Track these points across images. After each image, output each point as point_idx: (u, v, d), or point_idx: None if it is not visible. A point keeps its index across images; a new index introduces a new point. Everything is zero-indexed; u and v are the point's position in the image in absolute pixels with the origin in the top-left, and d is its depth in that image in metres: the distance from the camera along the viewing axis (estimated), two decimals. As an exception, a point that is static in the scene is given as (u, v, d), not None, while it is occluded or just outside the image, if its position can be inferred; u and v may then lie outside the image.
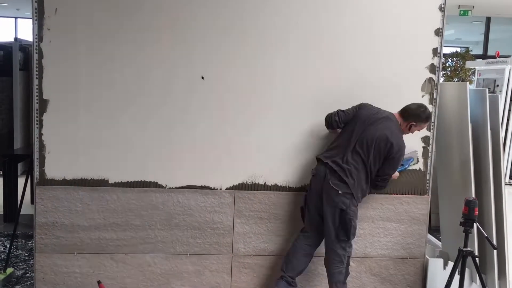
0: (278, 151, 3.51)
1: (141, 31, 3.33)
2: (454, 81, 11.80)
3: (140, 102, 3.38)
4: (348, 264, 3.32)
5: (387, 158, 3.23)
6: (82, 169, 3.39)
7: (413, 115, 3.29)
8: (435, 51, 3.54)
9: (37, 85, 3.29)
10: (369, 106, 3.36)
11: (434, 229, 4.95)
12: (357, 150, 3.22)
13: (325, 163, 3.25)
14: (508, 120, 8.19)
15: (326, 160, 3.26)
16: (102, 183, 3.40)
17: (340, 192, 3.19)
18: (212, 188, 3.48)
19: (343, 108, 3.37)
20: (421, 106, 3.32)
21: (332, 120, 3.34)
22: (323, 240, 3.35)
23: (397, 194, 3.61)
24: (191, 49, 3.37)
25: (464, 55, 12.51)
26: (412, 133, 3.36)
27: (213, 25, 3.37)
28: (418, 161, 3.58)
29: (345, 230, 3.21)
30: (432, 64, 3.55)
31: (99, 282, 3.20)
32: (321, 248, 3.47)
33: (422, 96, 3.55)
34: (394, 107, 3.50)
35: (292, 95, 3.47)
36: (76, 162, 3.38)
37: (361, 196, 3.29)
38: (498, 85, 8.45)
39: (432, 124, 3.59)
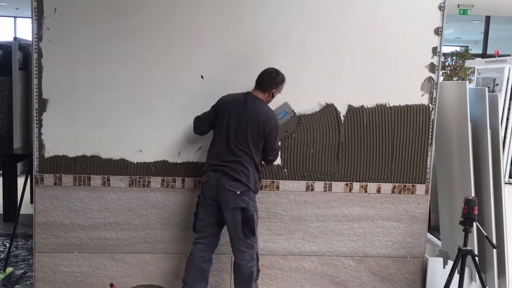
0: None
1: (140, 30, 3.32)
2: (453, 80, 11.80)
3: (140, 101, 3.38)
4: (258, 261, 3.29)
5: (268, 138, 3.17)
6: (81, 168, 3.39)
7: (271, 83, 3.20)
8: (434, 50, 3.54)
9: (36, 85, 3.29)
10: (224, 99, 3.26)
11: (433, 228, 4.96)
12: (237, 146, 3.15)
13: (214, 170, 3.18)
14: (507, 119, 8.20)
15: (213, 167, 3.18)
16: (102, 182, 3.41)
17: (238, 192, 3.13)
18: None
19: None
20: (272, 72, 3.22)
21: (197, 130, 3.32)
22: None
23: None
24: (191, 49, 3.37)
25: (464, 54, 12.53)
26: (274, 97, 3.27)
27: (213, 25, 3.37)
28: (294, 113, 3.48)
29: (249, 227, 3.17)
30: (432, 63, 3.55)
31: (111, 285, 3.23)
32: (322, 248, 3.48)
33: (422, 95, 3.55)
34: (394, 106, 3.51)
35: (292, 93, 3.47)
36: (75, 161, 3.38)
37: (258, 187, 3.26)
38: (497, 84, 8.45)
39: (431, 123, 3.59)
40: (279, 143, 3.34)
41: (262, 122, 3.15)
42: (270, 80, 3.21)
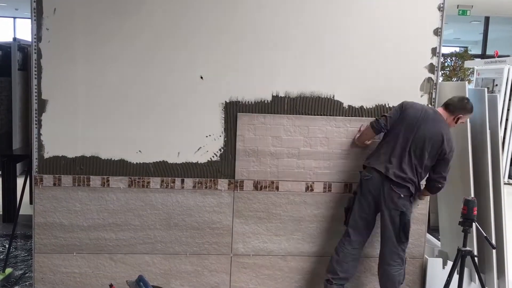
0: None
1: (140, 30, 3.33)
2: (453, 81, 11.80)
3: (139, 101, 3.38)
4: (405, 264, 3.40)
5: (440, 159, 3.27)
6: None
7: (460, 108, 3.35)
8: (434, 51, 3.54)
9: (36, 85, 3.29)
10: (412, 105, 3.35)
11: (433, 229, 4.96)
12: (410, 153, 3.25)
13: (378, 170, 3.27)
14: (507, 119, 8.20)
15: (380, 165, 3.27)
16: (102, 183, 3.41)
17: (402, 195, 3.24)
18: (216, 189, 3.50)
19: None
20: (464, 98, 3.40)
21: (379, 126, 3.34)
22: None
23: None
24: (191, 49, 3.37)
25: (463, 55, 12.52)
26: (456, 125, 3.40)
27: (212, 26, 3.37)
28: None
29: (405, 231, 3.28)
30: (431, 64, 3.55)
31: (110, 286, 3.24)
32: (322, 248, 3.47)
33: (421, 96, 3.55)
34: (393, 106, 3.51)
35: (295, 93, 3.47)
36: (75, 162, 3.38)
37: (417, 197, 3.41)
38: (497, 85, 8.45)
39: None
40: (446, 175, 3.34)
41: (444, 142, 3.23)
42: (461, 105, 3.35)
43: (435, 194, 3.53)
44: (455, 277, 3.29)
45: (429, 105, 3.55)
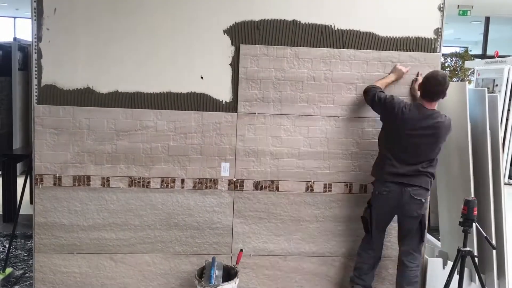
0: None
1: (140, 30, 3.33)
2: (453, 81, 11.80)
3: (139, 101, 3.39)
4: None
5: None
6: (81, 169, 3.39)
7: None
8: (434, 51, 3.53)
9: (36, 85, 3.29)
10: (405, 107, 3.28)
11: (433, 229, 4.95)
12: (418, 155, 3.27)
13: (395, 182, 3.29)
14: (507, 119, 8.19)
15: (395, 178, 3.28)
16: (102, 183, 3.41)
17: (423, 200, 3.29)
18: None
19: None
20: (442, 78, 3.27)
21: (376, 98, 3.30)
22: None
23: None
24: (190, 48, 3.37)
25: (463, 55, 12.51)
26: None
27: (211, 25, 3.37)
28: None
29: (423, 232, 3.38)
30: (431, 64, 3.55)
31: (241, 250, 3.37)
32: (322, 248, 3.47)
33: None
34: (393, 107, 3.51)
35: (292, 97, 3.47)
36: (74, 162, 3.39)
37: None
38: (497, 85, 8.45)
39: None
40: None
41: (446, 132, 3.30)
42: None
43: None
44: (455, 277, 3.28)
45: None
